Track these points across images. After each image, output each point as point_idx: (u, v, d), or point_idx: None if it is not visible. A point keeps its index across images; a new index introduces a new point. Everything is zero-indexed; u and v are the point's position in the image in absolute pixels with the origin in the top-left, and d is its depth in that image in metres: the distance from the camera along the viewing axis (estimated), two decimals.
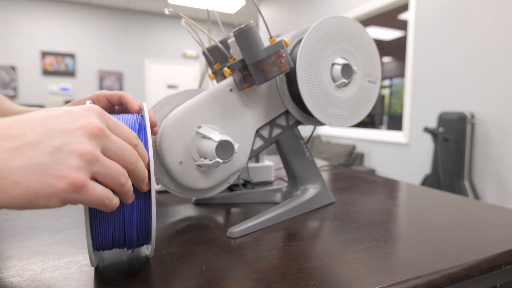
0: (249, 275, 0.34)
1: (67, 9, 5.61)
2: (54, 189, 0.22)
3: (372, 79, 0.57)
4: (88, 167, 0.23)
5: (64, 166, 0.22)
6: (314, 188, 0.58)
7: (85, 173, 0.23)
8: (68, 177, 0.22)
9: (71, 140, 0.23)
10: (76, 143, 0.23)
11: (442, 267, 0.35)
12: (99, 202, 0.24)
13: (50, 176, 0.21)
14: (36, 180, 0.21)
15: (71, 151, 0.22)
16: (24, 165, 0.21)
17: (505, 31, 2.04)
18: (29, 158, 0.21)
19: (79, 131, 0.23)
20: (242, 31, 0.45)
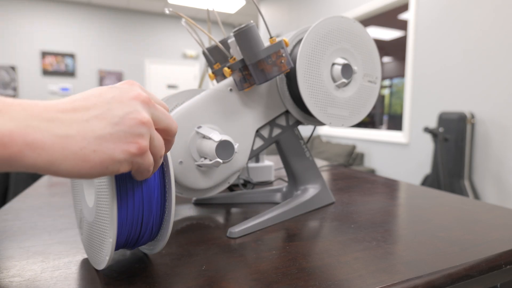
0: (249, 275, 0.34)
1: (67, 9, 5.61)
2: (126, 154, 0.24)
3: (372, 79, 0.57)
4: (148, 132, 0.26)
5: (132, 134, 0.24)
6: (314, 188, 0.58)
7: (147, 139, 0.26)
8: (137, 143, 0.25)
9: (130, 109, 0.25)
10: (136, 112, 0.25)
11: (442, 267, 0.35)
12: (149, 167, 0.27)
13: (123, 143, 0.24)
14: (111, 147, 0.23)
15: (134, 119, 0.25)
16: (98, 135, 0.23)
17: (505, 31, 2.04)
18: (101, 129, 0.23)
19: (134, 101, 0.25)
20: (242, 31, 0.45)
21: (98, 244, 0.33)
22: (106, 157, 0.23)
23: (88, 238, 0.35)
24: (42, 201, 0.62)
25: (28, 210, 0.56)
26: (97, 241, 0.33)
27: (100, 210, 0.32)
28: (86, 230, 0.36)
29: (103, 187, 0.30)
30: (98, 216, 0.32)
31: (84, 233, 0.37)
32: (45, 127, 0.21)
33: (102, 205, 0.31)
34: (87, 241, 0.36)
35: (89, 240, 0.35)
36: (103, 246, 0.32)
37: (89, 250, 0.35)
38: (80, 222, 0.39)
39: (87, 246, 0.36)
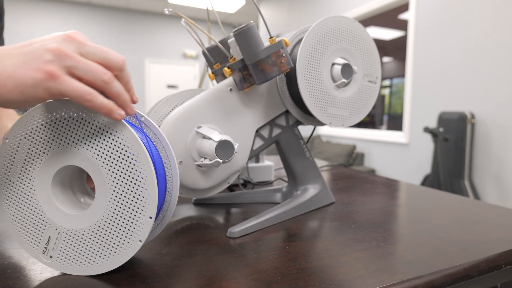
0: (249, 275, 0.34)
1: (67, 9, 5.61)
2: (35, 79, 0.27)
3: (372, 79, 0.57)
4: (59, 60, 0.27)
5: (40, 60, 0.27)
6: (314, 188, 0.58)
7: (57, 65, 0.27)
8: (42, 68, 0.27)
9: (48, 42, 0.28)
10: (51, 43, 0.28)
11: (442, 267, 0.35)
12: (79, 95, 0.28)
13: (31, 69, 0.27)
14: (22, 73, 0.27)
15: (46, 48, 0.27)
16: (13, 63, 0.27)
17: (505, 31, 2.04)
18: (17, 57, 0.27)
19: (59, 37, 0.28)
20: (242, 31, 0.44)
21: (115, 240, 0.33)
22: (18, 82, 0.27)
23: (86, 245, 0.34)
24: None
25: None
26: (109, 238, 0.33)
27: (119, 201, 0.33)
28: (73, 241, 0.34)
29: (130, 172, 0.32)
30: (115, 209, 0.33)
31: (65, 248, 0.34)
32: None
33: (127, 191, 0.33)
34: (82, 250, 0.34)
35: (88, 247, 0.34)
36: (129, 234, 0.33)
37: (91, 256, 0.34)
38: (47, 241, 0.34)
39: (83, 255, 0.34)
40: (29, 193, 0.34)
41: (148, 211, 0.33)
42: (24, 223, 0.34)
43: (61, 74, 0.27)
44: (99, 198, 0.33)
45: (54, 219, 0.34)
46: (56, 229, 0.34)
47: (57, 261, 0.34)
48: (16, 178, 0.33)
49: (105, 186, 0.33)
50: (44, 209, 0.34)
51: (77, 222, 0.34)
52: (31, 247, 0.34)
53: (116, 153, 0.32)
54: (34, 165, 0.33)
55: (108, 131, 0.32)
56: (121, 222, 0.33)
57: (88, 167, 0.33)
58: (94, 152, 0.32)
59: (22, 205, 0.34)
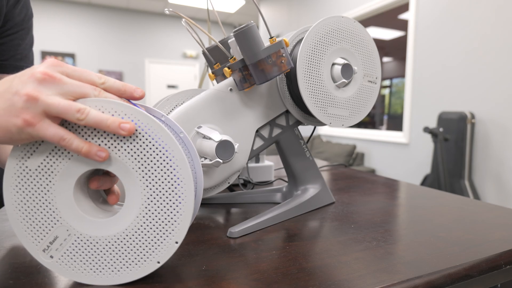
0: (249, 275, 0.34)
1: (67, 9, 5.61)
2: (17, 126, 0.28)
3: (372, 79, 0.57)
4: (33, 106, 0.28)
5: (17, 107, 0.28)
6: (314, 188, 0.58)
7: (33, 111, 0.28)
8: (20, 116, 0.28)
9: (21, 87, 0.28)
10: (25, 87, 0.28)
11: (442, 267, 0.35)
12: (55, 139, 0.29)
13: (11, 116, 0.28)
14: (5, 120, 0.28)
15: (20, 94, 0.28)
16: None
17: (505, 31, 2.04)
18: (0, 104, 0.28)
19: (30, 79, 0.28)
20: (242, 31, 0.44)
21: (133, 254, 0.32)
22: (4, 129, 0.28)
23: (99, 252, 0.32)
24: None
25: None
26: (129, 253, 0.32)
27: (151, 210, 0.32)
28: (85, 247, 0.32)
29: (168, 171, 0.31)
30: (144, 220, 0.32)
31: (72, 251, 0.32)
32: None
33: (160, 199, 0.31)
34: (94, 257, 0.32)
35: (101, 255, 0.32)
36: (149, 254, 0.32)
37: (104, 265, 0.32)
38: (52, 240, 0.32)
39: (93, 262, 0.32)
40: (48, 186, 0.31)
41: (176, 235, 0.32)
42: (30, 216, 0.32)
43: (36, 121, 0.28)
44: (127, 210, 0.32)
45: (69, 219, 0.32)
46: (68, 230, 0.32)
47: (58, 262, 0.32)
48: (35, 167, 0.31)
49: (137, 200, 0.31)
50: (59, 207, 0.32)
51: (94, 228, 0.32)
52: (31, 241, 0.32)
53: (151, 157, 0.31)
54: (61, 160, 0.31)
55: (143, 134, 0.31)
56: (144, 242, 0.32)
57: (123, 176, 0.31)
58: (135, 163, 0.31)
59: (35, 196, 0.31)
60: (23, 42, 0.61)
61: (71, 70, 0.30)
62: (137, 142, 0.31)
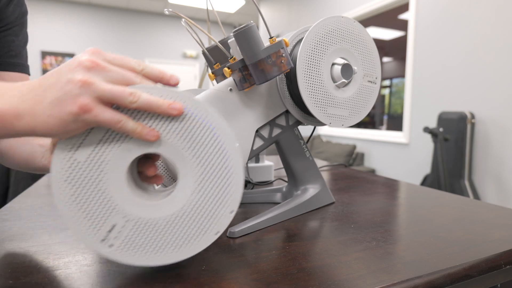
0: (249, 275, 0.34)
1: (67, 9, 5.61)
2: (72, 114, 0.28)
3: (372, 79, 0.57)
4: (89, 92, 0.28)
5: (72, 95, 0.28)
6: (314, 188, 0.58)
7: (88, 97, 0.28)
8: (76, 102, 0.28)
9: (72, 75, 0.28)
10: (77, 75, 0.28)
11: (442, 267, 0.35)
12: (109, 123, 0.29)
13: (66, 105, 0.28)
14: (60, 110, 0.28)
15: (71, 82, 0.28)
16: (49, 102, 0.28)
17: (505, 31, 2.04)
18: (52, 96, 0.28)
19: (78, 67, 0.29)
20: (242, 31, 0.44)
21: (191, 230, 0.33)
22: (58, 119, 0.28)
23: (158, 234, 0.33)
24: (42, 201, 0.62)
25: (28, 210, 0.56)
26: (185, 229, 0.33)
27: (204, 191, 0.33)
28: (143, 230, 0.32)
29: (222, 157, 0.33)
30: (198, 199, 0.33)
31: (131, 237, 0.32)
32: (22, 103, 0.29)
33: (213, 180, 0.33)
34: (153, 239, 0.33)
35: (160, 236, 0.33)
36: (208, 226, 0.33)
37: (162, 245, 0.33)
38: (110, 229, 0.32)
39: (152, 244, 0.33)
40: (100, 176, 0.31)
41: (230, 205, 0.34)
42: (85, 208, 0.31)
43: (93, 106, 0.28)
44: (181, 190, 0.33)
45: (124, 206, 0.32)
46: (125, 216, 0.32)
47: (118, 250, 0.32)
48: (84, 158, 0.31)
49: (190, 178, 0.33)
50: (113, 195, 0.32)
51: (152, 211, 0.33)
52: (87, 234, 0.31)
53: (199, 135, 0.32)
54: (112, 147, 0.31)
55: (204, 126, 0.32)
56: (200, 215, 0.33)
57: (175, 158, 0.32)
58: (185, 143, 0.32)
59: (87, 188, 0.31)
60: (17, 39, 0.61)
61: (112, 57, 0.31)
62: (184, 123, 0.32)
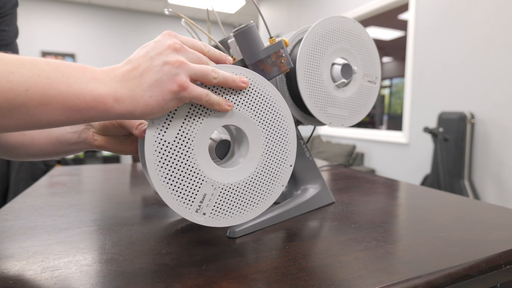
0: (249, 275, 0.34)
1: (67, 9, 5.61)
2: (172, 93, 0.31)
3: (372, 79, 0.57)
4: (183, 71, 0.31)
5: (170, 75, 0.31)
6: (314, 188, 0.58)
7: (184, 76, 0.31)
8: (176, 81, 0.31)
9: (166, 57, 0.31)
10: (170, 58, 0.31)
11: (442, 267, 0.35)
12: (200, 97, 0.33)
13: (166, 85, 0.31)
14: (160, 90, 0.31)
15: (169, 64, 0.31)
16: (149, 84, 0.31)
17: (505, 32, 2.04)
18: (151, 79, 0.31)
19: (168, 50, 0.32)
20: (242, 31, 0.44)
21: (264, 187, 0.40)
22: (160, 99, 0.31)
23: (239, 196, 0.38)
24: (42, 201, 0.62)
25: (28, 210, 0.56)
26: (260, 187, 0.40)
27: (271, 153, 0.40)
28: (227, 195, 0.38)
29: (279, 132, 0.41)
30: (267, 160, 0.40)
31: (219, 203, 0.37)
32: (120, 87, 0.30)
33: (277, 144, 0.40)
34: (236, 202, 0.38)
35: (241, 198, 0.38)
36: (276, 181, 0.41)
37: (242, 206, 0.39)
38: (202, 199, 0.36)
39: (235, 206, 0.38)
40: (188, 152, 0.35)
41: (290, 159, 0.41)
42: (179, 183, 0.35)
43: (189, 83, 0.32)
44: (253, 153, 0.39)
45: (211, 176, 0.36)
46: (213, 185, 0.36)
47: (210, 217, 0.37)
48: (172, 139, 0.34)
49: (259, 141, 0.39)
50: (201, 167, 0.36)
51: (233, 176, 0.38)
52: (183, 207, 0.35)
53: (263, 104, 0.39)
54: (195, 124, 0.35)
55: (264, 95, 0.39)
56: (270, 172, 0.40)
57: (245, 126, 0.38)
58: (252, 111, 0.38)
59: (179, 165, 0.35)
60: (8, 28, 0.62)
61: (185, 39, 0.35)
62: (250, 94, 0.38)
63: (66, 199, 0.63)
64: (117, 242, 0.42)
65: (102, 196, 0.66)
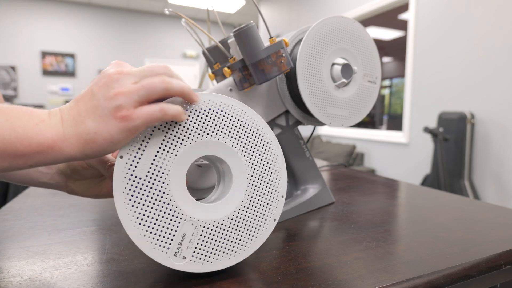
0: (249, 275, 0.34)
1: (67, 9, 5.61)
2: (117, 126, 0.29)
3: (372, 79, 0.57)
4: (124, 101, 0.29)
5: (111, 109, 0.29)
6: (314, 188, 0.58)
7: (126, 105, 0.29)
8: (116, 115, 0.29)
9: (106, 90, 0.29)
10: (109, 90, 0.29)
11: (442, 267, 0.35)
12: (153, 118, 0.30)
13: (109, 119, 0.29)
14: (105, 125, 0.29)
15: (109, 97, 0.29)
16: (93, 119, 0.29)
17: (505, 31, 2.04)
18: (94, 114, 0.29)
19: (108, 80, 0.30)
20: (242, 31, 0.44)
21: (252, 223, 0.35)
22: (106, 135, 0.29)
23: (224, 235, 0.33)
24: (42, 201, 0.62)
25: (28, 210, 0.56)
26: (247, 223, 0.35)
27: (257, 185, 0.36)
28: (210, 234, 0.33)
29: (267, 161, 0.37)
30: (253, 194, 0.35)
31: (201, 243, 0.32)
32: (66, 127, 0.29)
33: (264, 175, 0.36)
34: (220, 241, 0.33)
35: (226, 237, 0.34)
36: (266, 216, 0.36)
37: (229, 245, 0.34)
38: (181, 240, 0.32)
39: (221, 247, 0.33)
40: (162, 188, 0.31)
41: (281, 190, 0.37)
42: (153, 224, 0.30)
43: (132, 112, 0.29)
44: (237, 185, 0.35)
45: (190, 213, 0.32)
46: (193, 223, 0.32)
47: (192, 260, 0.32)
48: (144, 174, 0.30)
49: (243, 172, 0.35)
50: (179, 204, 0.31)
51: (216, 212, 0.33)
52: (159, 250, 0.31)
53: (254, 141, 0.36)
54: (169, 155, 0.31)
55: (247, 122, 0.35)
56: (258, 205, 0.36)
57: (225, 155, 0.34)
58: (232, 139, 0.34)
59: (153, 203, 0.31)
60: None
61: (136, 70, 0.32)
62: (230, 121, 0.34)
63: (66, 199, 0.63)
64: (117, 242, 0.42)
65: None
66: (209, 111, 0.33)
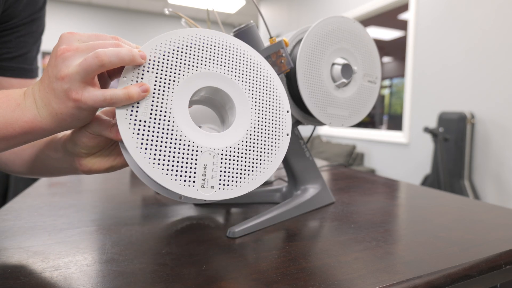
0: (249, 275, 0.34)
1: (67, 9, 5.61)
2: (75, 107, 0.30)
3: (372, 79, 0.57)
4: (71, 84, 0.29)
5: (64, 92, 0.29)
6: (314, 188, 0.58)
7: (74, 88, 0.29)
8: (69, 98, 0.29)
9: (57, 71, 0.29)
10: (59, 71, 0.29)
11: (442, 267, 0.35)
12: (102, 100, 0.30)
13: (65, 101, 0.30)
14: (65, 107, 0.30)
15: (58, 79, 0.29)
16: (55, 101, 0.30)
17: (505, 31, 2.04)
18: (53, 96, 0.30)
19: (57, 61, 0.30)
20: (241, 31, 0.45)
21: (268, 142, 0.36)
22: (70, 114, 0.30)
23: (244, 159, 0.34)
24: (42, 201, 0.62)
25: (28, 210, 0.56)
26: (263, 144, 0.36)
27: (261, 105, 0.37)
28: (230, 160, 0.34)
29: None
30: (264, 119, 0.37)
31: (224, 171, 0.33)
32: (42, 111, 0.31)
33: (266, 96, 0.37)
34: (242, 165, 0.34)
35: (246, 160, 0.35)
36: (280, 133, 0.37)
37: (251, 167, 0.35)
38: (203, 171, 0.32)
39: (244, 170, 0.34)
40: (170, 125, 0.31)
41: (284, 106, 0.38)
42: (172, 161, 0.30)
43: (81, 95, 0.29)
44: (241, 109, 0.35)
45: (204, 144, 0.32)
46: (210, 153, 0.32)
47: (220, 188, 0.32)
48: (148, 116, 0.30)
49: (243, 96, 0.36)
50: (191, 138, 0.32)
51: (229, 138, 0.34)
52: (186, 185, 0.31)
53: (242, 62, 0.36)
54: (167, 95, 0.31)
55: (245, 55, 0.36)
56: (267, 123, 0.36)
57: (222, 84, 0.35)
58: (224, 68, 0.35)
59: (165, 141, 0.31)
60: (29, 40, 0.60)
61: (86, 36, 0.32)
62: (225, 55, 0.35)
63: (66, 199, 0.63)
64: (117, 242, 0.42)
65: (102, 196, 0.66)
66: (193, 45, 0.33)
